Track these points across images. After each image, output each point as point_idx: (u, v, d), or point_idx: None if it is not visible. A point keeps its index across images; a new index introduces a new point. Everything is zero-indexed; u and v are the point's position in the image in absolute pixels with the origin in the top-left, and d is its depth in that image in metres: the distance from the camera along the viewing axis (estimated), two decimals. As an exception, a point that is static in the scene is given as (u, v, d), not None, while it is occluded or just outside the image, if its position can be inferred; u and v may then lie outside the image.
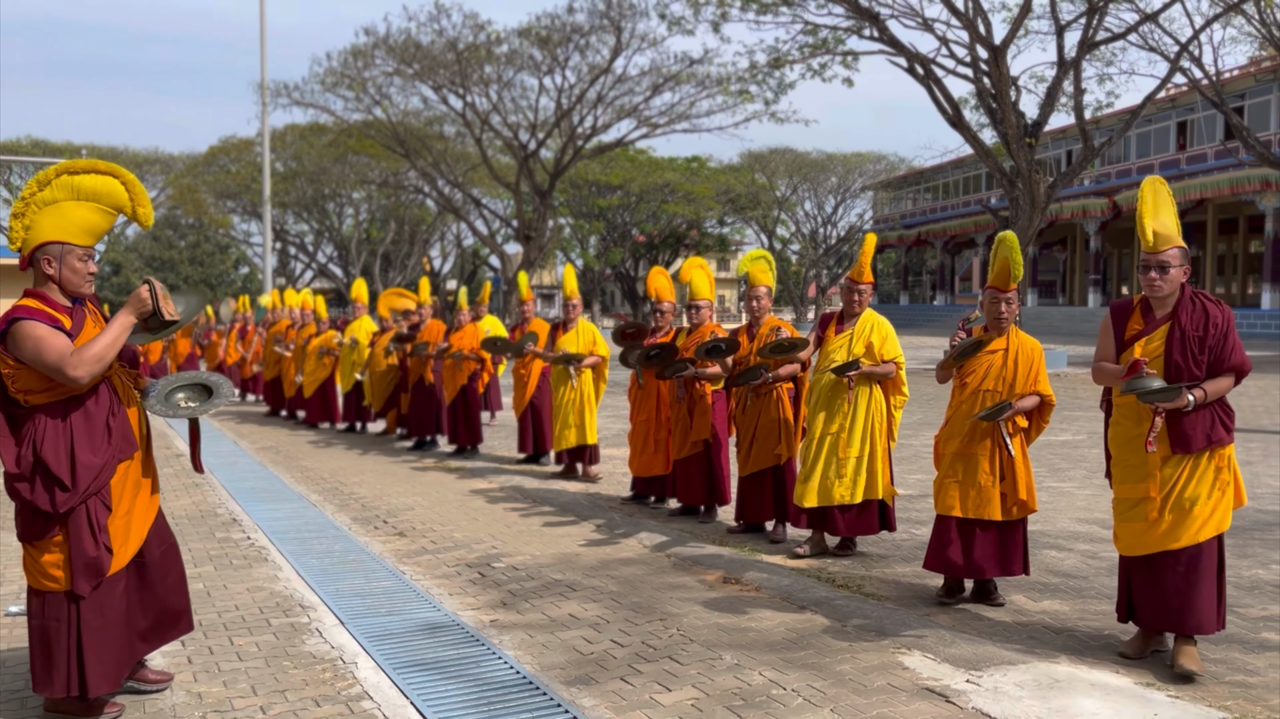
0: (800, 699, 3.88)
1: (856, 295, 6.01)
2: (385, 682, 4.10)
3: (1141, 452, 4.12)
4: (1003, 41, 19.49)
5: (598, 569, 5.90)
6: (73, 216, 3.55)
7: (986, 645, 4.46)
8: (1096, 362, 4.33)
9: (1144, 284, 4.18)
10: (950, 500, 4.97)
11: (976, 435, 4.96)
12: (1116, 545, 4.29)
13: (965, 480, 4.95)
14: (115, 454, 3.56)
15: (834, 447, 5.90)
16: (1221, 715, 3.68)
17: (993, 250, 5.10)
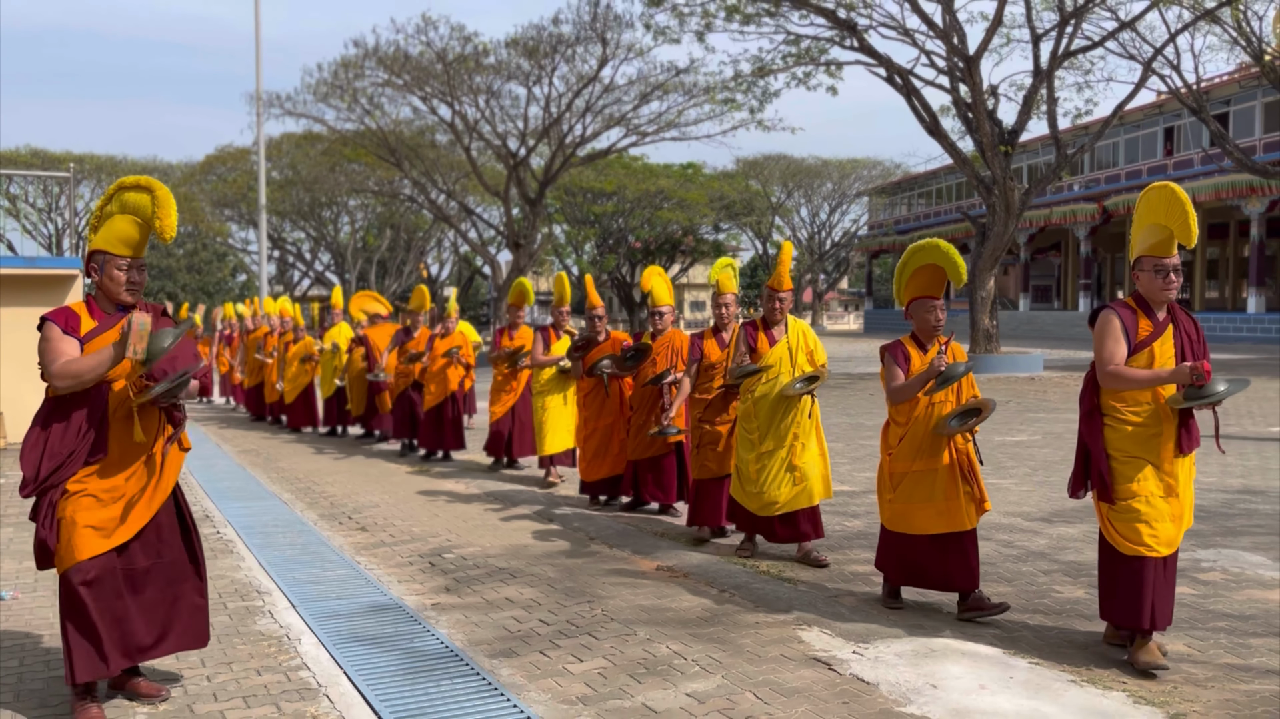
0: (697, 668, 4.27)
1: (778, 304, 6.10)
2: (324, 655, 4.49)
3: (1162, 450, 4.11)
4: (976, 52, 19.91)
5: (541, 559, 6.29)
6: (115, 229, 3.82)
7: (880, 624, 4.85)
8: (1108, 366, 4.13)
9: (1161, 287, 4.15)
10: (921, 522, 4.86)
11: (937, 449, 4.86)
12: (1135, 548, 4.12)
13: (936, 498, 4.82)
14: (76, 456, 3.70)
15: (789, 456, 5.90)
16: (1070, 678, 4.06)
17: (904, 262, 5.11)
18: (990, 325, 21.39)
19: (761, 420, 5.96)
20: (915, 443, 4.90)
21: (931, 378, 4.78)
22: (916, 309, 5.05)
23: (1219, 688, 3.98)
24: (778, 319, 6.16)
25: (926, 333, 5.04)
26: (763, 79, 25.32)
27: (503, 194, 28.19)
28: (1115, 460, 4.17)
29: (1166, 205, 4.13)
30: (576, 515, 7.67)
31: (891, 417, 5.07)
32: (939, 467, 4.84)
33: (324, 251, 53.25)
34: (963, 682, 4.07)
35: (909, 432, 4.92)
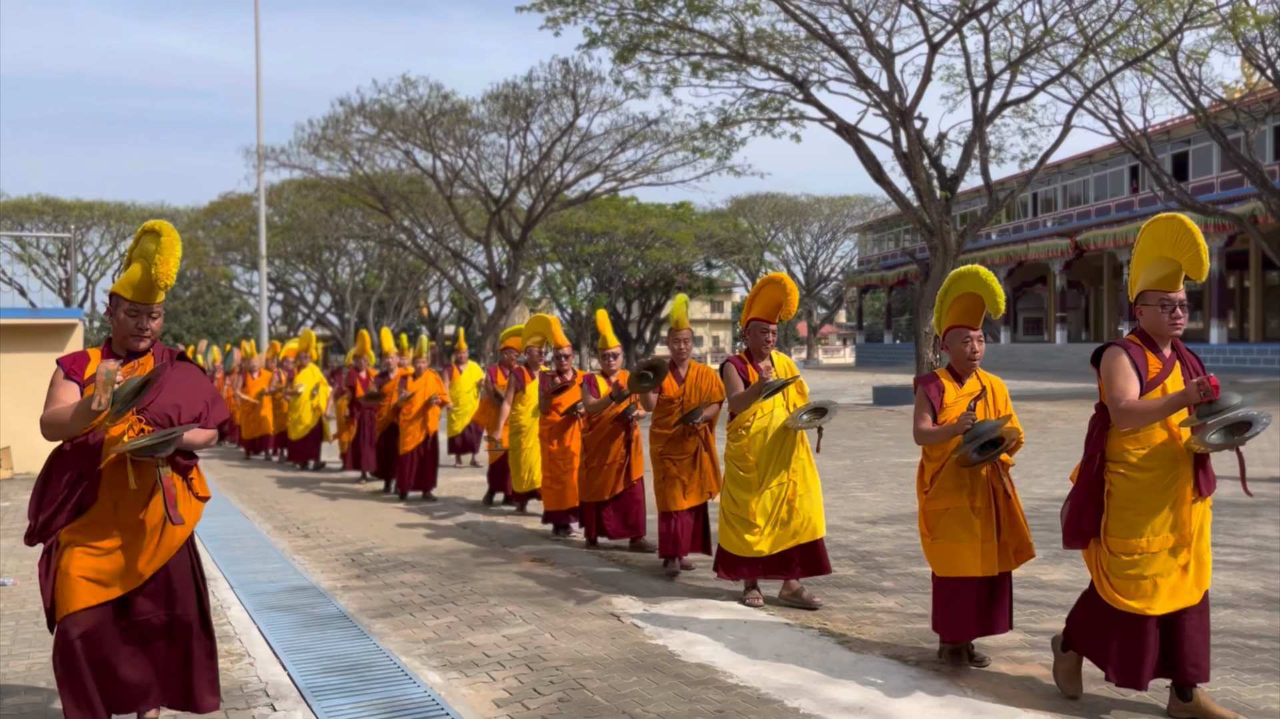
0: (519, 621, 5.71)
1: (770, 336, 5.98)
2: (245, 617, 5.94)
3: (1175, 496, 3.93)
4: (909, 106, 21.48)
5: (442, 555, 7.73)
6: (130, 272, 3.76)
7: (682, 595, 6.27)
8: (1120, 403, 3.92)
9: (1168, 322, 4.01)
10: (970, 561, 4.59)
11: (976, 486, 4.63)
12: (1127, 604, 3.95)
13: (977, 536, 4.59)
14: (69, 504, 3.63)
15: (790, 490, 5.80)
16: (817, 629, 5.49)
17: (945, 289, 4.90)
18: (934, 358, 22.78)
19: (760, 457, 5.79)
20: (950, 480, 4.66)
21: (959, 433, 4.53)
22: (952, 339, 4.80)
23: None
24: (765, 351, 6.03)
25: (962, 364, 4.78)
26: (728, 129, 26.98)
27: (484, 239, 29.80)
28: (1127, 513, 3.95)
29: (1175, 238, 3.97)
30: (491, 526, 9.11)
31: (925, 453, 4.80)
32: (977, 505, 4.61)
33: (325, 293, 55.02)
34: (706, 624, 5.49)
35: (943, 469, 4.67)
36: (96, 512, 3.66)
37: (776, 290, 5.84)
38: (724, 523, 5.95)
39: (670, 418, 6.91)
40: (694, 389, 6.99)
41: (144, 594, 3.74)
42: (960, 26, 20.62)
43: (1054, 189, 48.10)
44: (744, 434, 5.85)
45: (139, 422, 3.69)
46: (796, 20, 21.59)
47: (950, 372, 4.84)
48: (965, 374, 4.82)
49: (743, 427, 5.85)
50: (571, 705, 4.36)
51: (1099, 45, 21.49)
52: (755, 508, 5.78)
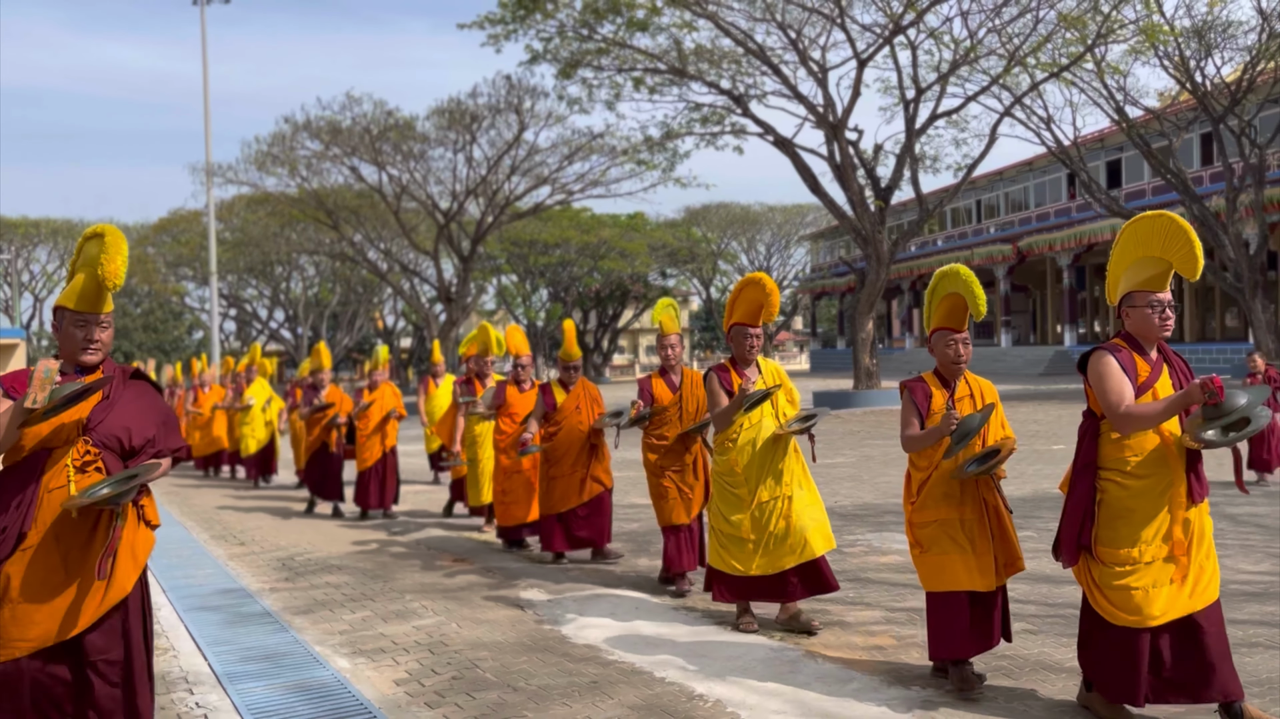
0: (430, 613, 6.17)
1: (755, 341, 5.67)
2: (174, 617, 6.34)
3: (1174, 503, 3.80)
4: (838, 121, 22.20)
5: (369, 557, 8.16)
6: (75, 282, 3.52)
7: (585, 585, 6.76)
8: (1119, 408, 3.77)
9: (1157, 324, 3.87)
10: (961, 574, 4.41)
11: (966, 496, 4.49)
12: (1126, 619, 3.81)
13: (967, 550, 4.42)
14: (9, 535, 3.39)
15: (784, 506, 5.48)
16: (700, 612, 5.99)
17: (932, 288, 4.71)
18: (870, 363, 23.51)
19: (749, 471, 5.49)
20: (939, 490, 4.49)
21: (944, 434, 4.39)
22: (936, 342, 4.64)
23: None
24: (750, 357, 5.73)
25: (948, 368, 4.61)
26: (671, 142, 27.60)
27: (433, 252, 30.18)
28: (1122, 521, 3.83)
29: (1164, 236, 3.83)
30: (446, 541, 9.54)
31: (912, 462, 4.65)
32: (967, 517, 4.46)
33: (279, 308, 54.98)
34: (600, 610, 5.98)
35: (931, 477, 4.52)
36: (39, 547, 3.37)
37: (756, 291, 5.57)
38: (714, 542, 5.65)
39: (667, 428, 6.68)
40: (690, 397, 6.74)
41: (95, 633, 3.45)
42: (887, 43, 21.37)
43: (996, 196, 49.28)
44: (730, 447, 5.56)
45: (85, 443, 3.46)
46: (731, 37, 22.24)
47: (937, 376, 4.67)
48: (952, 378, 4.63)
49: (729, 439, 5.58)
50: (463, 682, 4.84)
51: (1022, 59, 22.34)
52: (746, 525, 5.48)
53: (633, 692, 4.60)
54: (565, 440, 7.54)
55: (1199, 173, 35.24)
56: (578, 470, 7.49)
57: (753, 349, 5.68)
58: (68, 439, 3.46)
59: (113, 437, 3.51)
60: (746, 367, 5.73)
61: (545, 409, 7.66)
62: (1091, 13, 21.15)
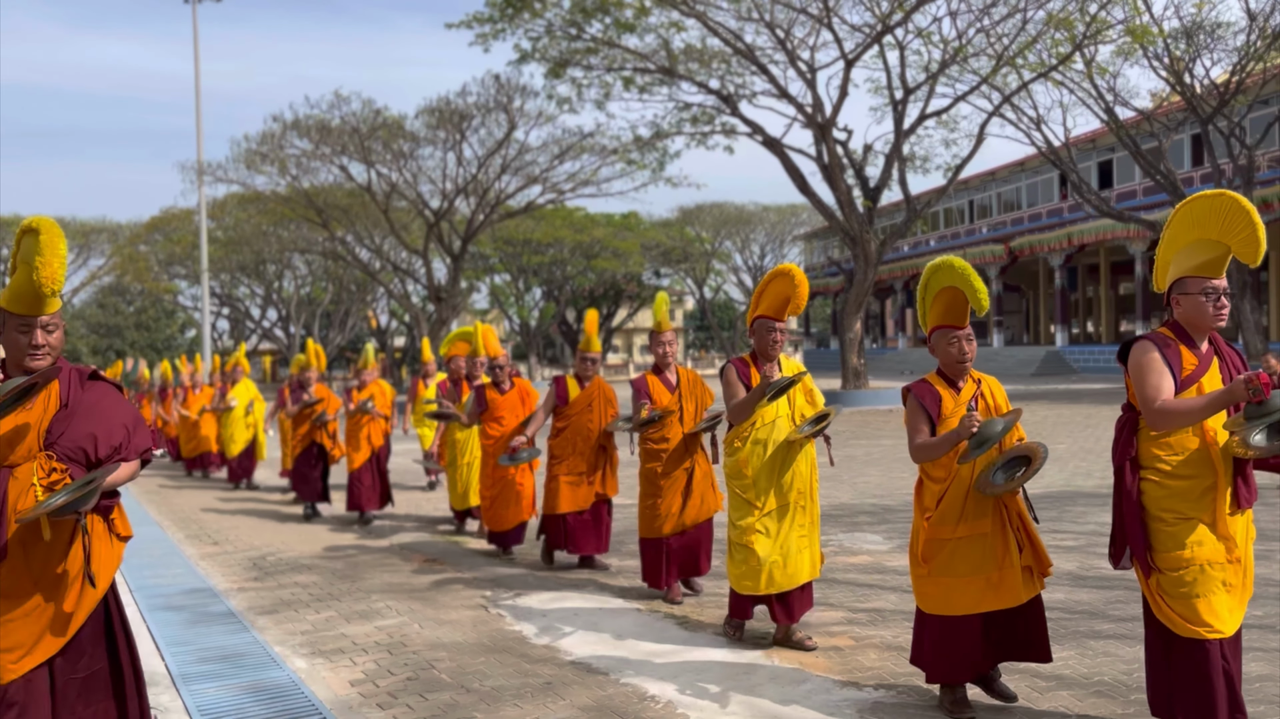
0: (394, 613, 6.16)
1: (779, 335, 5.30)
2: (137, 616, 6.32)
3: (1217, 508, 3.52)
4: (826, 121, 22.21)
5: (340, 558, 8.14)
6: (15, 281, 3.27)
7: (552, 588, 6.75)
8: (1154, 403, 3.48)
9: (1212, 313, 3.57)
10: (967, 599, 4.07)
11: (984, 509, 4.10)
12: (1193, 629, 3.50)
13: (986, 568, 4.06)
14: None
15: (793, 516, 5.14)
16: (662, 613, 5.99)
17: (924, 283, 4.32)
18: (858, 363, 23.53)
19: (760, 475, 5.13)
20: (958, 503, 4.09)
21: (963, 439, 4.03)
22: (938, 341, 4.27)
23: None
24: (774, 354, 5.37)
25: (953, 368, 4.24)
26: (661, 141, 27.60)
27: (422, 251, 30.16)
28: (1162, 523, 3.55)
29: (1223, 217, 3.52)
30: (429, 545, 9.52)
31: (925, 471, 4.23)
32: (987, 530, 4.07)
33: (272, 307, 54.92)
34: (564, 612, 5.97)
35: (949, 489, 4.11)
36: (7, 567, 3.22)
37: (784, 284, 5.17)
38: (729, 554, 5.28)
39: (667, 431, 6.29)
40: (689, 396, 6.42)
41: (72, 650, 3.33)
42: (873, 43, 21.37)
43: (989, 196, 49.34)
44: (739, 447, 5.20)
45: (49, 459, 3.28)
46: (719, 37, 22.24)
47: (941, 377, 4.29)
48: (958, 378, 4.28)
49: (739, 438, 5.21)
50: (418, 683, 4.83)
51: (1010, 59, 22.37)
52: (754, 535, 5.11)
53: (585, 693, 4.60)
54: (571, 439, 7.18)
55: (1189, 174, 35.30)
56: (582, 473, 7.14)
57: (776, 344, 5.30)
58: (29, 453, 3.26)
59: (77, 448, 3.31)
60: (768, 363, 5.38)
61: (556, 402, 7.27)
62: (1079, 13, 21.17)
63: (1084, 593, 6.06)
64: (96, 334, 55.80)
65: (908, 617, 4.83)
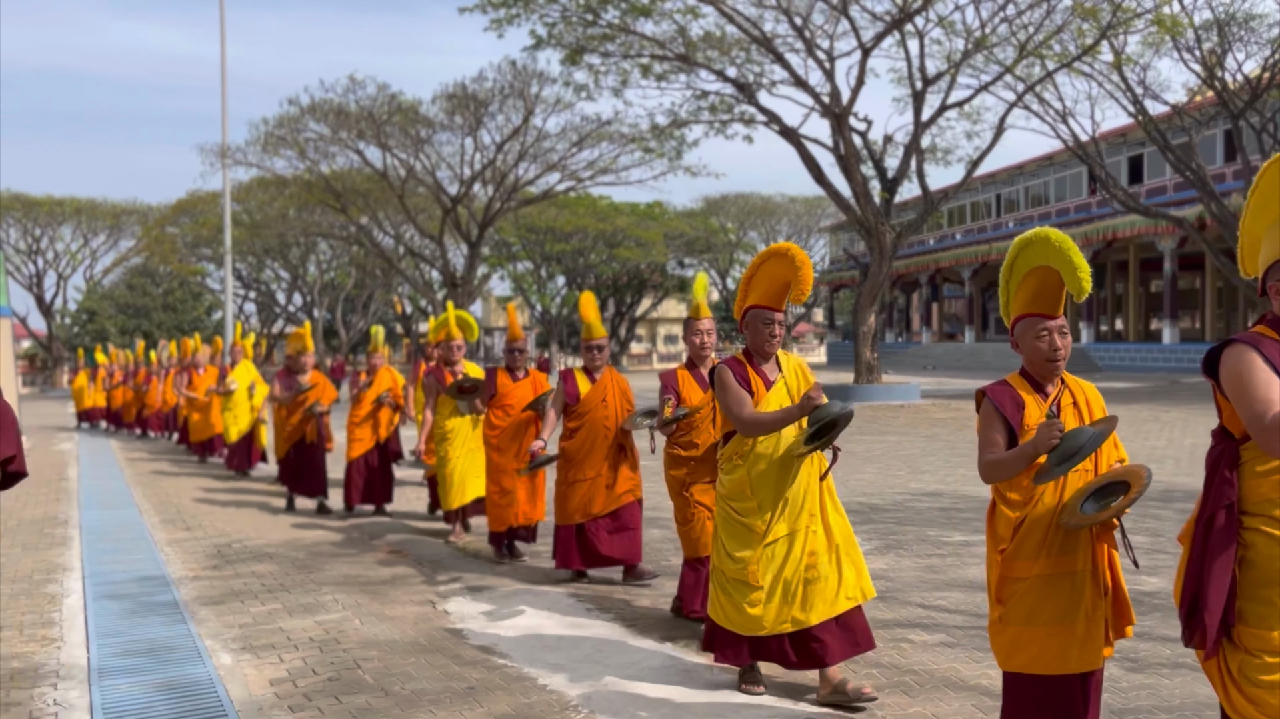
0: (339, 607, 5.98)
1: (777, 329, 4.44)
2: (79, 605, 6.19)
3: None
4: (843, 110, 21.81)
5: (304, 547, 7.98)
6: None
7: (511, 583, 6.55)
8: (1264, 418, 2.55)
9: None
10: (1055, 655, 3.23)
11: (1077, 540, 3.27)
12: None
13: (1075, 618, 3.21)
14: None
15: (810, 541, 4.28)
16: (613, 615, 5.77)
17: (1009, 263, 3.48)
18: (871, 357, 23.14)
19: (764, 494, 4.28)
20: (1039, 532, 3.27)
21: (1042, 452, 3.18)
22: (1023, 332, 3.43)
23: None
24: (770, 350, 4.50)
25: (1040, 366, 3.39)
26: (679, 129, 27.29)
27: (438, 237, 30.05)
28: (1270, 586, 2.64)
29: None
30: (377, 525, 9.36)
31: (999, 492, 3.40)
32: (1076, 569, 3.25)
33: (297, 292, 55.18)
34: (512, 611, 5.77)
35: (1029, 516, 3.29)
36: None
37: (782, 266, 4.32)
38: (715, 588, 4.41)
39: (696, 434, 5.48)
40: None
41: None
42: (890, 31, 20.96)
43: (1016, 190, 48.66)
44: (739, 463, 4.33)
45: None
46: (734, 24, 21.89)
47: (1025, 378, 3.44)
48: (1046, 379, 3.42)
49: (739, 453, 4.34)
50: (338, 683, 4.64)
51: (1034, 49, 21.87)
52: (756, 566, 4.25)
53: (507, 699, 4.39)
54: (588, 439, 6.37)
55: (1222, 169, 34.57)
56: (601, 475, 6.34)
57: (773, 340, 4.43)
58: None
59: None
60: (764, 361, 4.49)
61: (566, 400, 6.49)
62: (1105, 2, 20.65)
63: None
64: (124, 315, 56.26)
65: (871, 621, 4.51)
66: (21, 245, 54.74)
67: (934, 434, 15.54)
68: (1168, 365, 34.80)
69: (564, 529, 6.41)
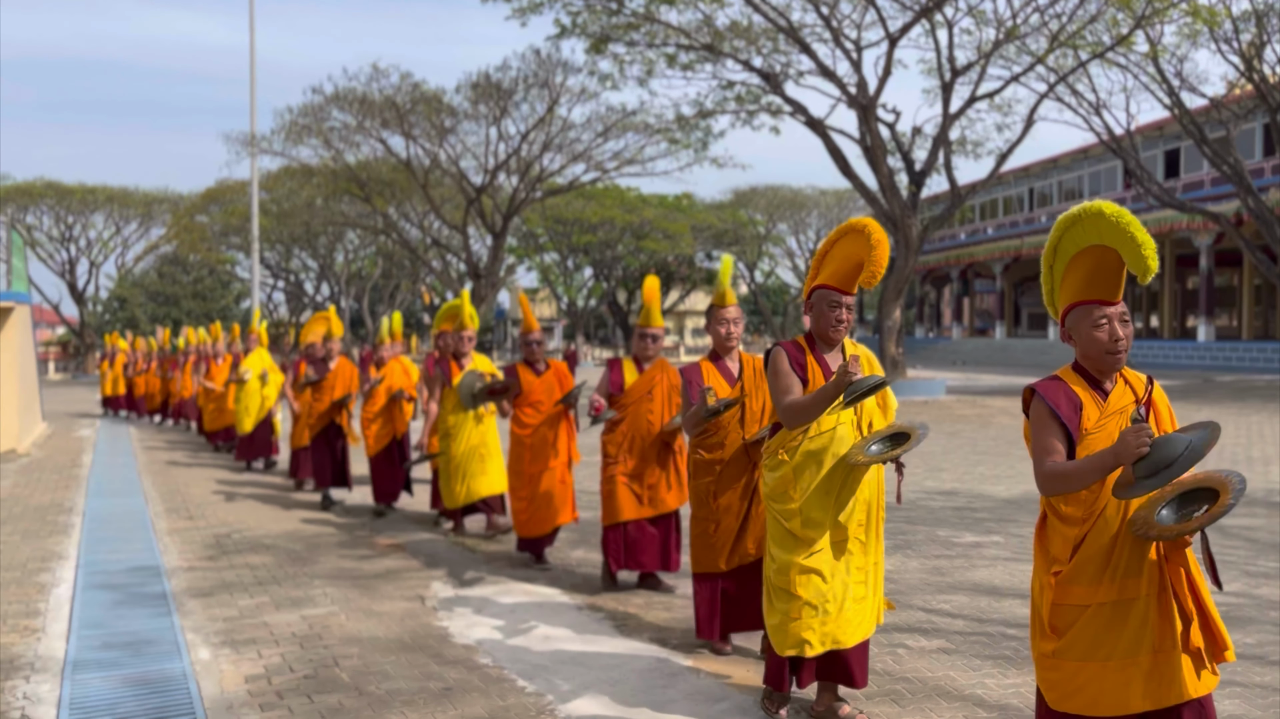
0: (328, 601, 5.88)
1: (845, 313, 3.99)
2: (67, 595, 6.12)
3: None
4: (869, 101, 21.50)
5: (304, 540, 7.89)
6: None
7: (503, 580, 6.42)
8: None
9: None
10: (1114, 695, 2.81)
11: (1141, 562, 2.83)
12: None
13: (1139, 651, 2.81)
14: None
15: (851, 555, 3.95)
16: (603, 614, 5.63)
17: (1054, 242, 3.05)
18: (897, 352, 22.85)
19: (811, 499, 3.89)
20: (1101, 553, 2.84)
21: (1126, 463, 2.69)
22: (1077, 322, 2.99)
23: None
24: (834, 339, 4.05)
25: (1099, 360, 2.96)
26: (705, 120, 27.05)
27: (461, 226, 29.98)
28: None
29: None
30: (382, 519, 9.27)
31: (1053, 507, 2.96)
32: (1140, 594, 2.83)
33: (325, 281, 55.45)
34: (500, 608, 5.63)
35: (1090, 534, 2.87)
36: None
37: (856, 244, 3.89)
38: (768, 601, 4.01)
39: (723, 435, 4.93)
40: (755, 391, 5.03)
41: None
42: (918, 20, 20.62)
43: (1050, 184, 48.00)
44: (785, 459, 3.93)
45: None
46: (760, 12, 21.63)
47: (1080, 373, 3.01)
48: (1105, 374, 2.99)
49: (785, 448, 3.92)
50: (313, 681, 4.52)
51: (1066, 39, 21.45)
52: (801, 576, 3.87)
53: (483, 702, 4.26)
54: (629, 434, 5.89)
55: (1260, 164, 33.88)
56: (647, 474, 5.84)
57: (839, 325, 3.98)
58: None
59: None
60: (828, 349, 4.03)
61: (609, 389, 6.01)
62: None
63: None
64: (155, 302, 56.78)
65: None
66: (55, 233, 55.34)
67: (956, 431, 15.27)
68: (1202, 364, 34.18)
69: (611, 529, 5.93)
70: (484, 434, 7.88)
